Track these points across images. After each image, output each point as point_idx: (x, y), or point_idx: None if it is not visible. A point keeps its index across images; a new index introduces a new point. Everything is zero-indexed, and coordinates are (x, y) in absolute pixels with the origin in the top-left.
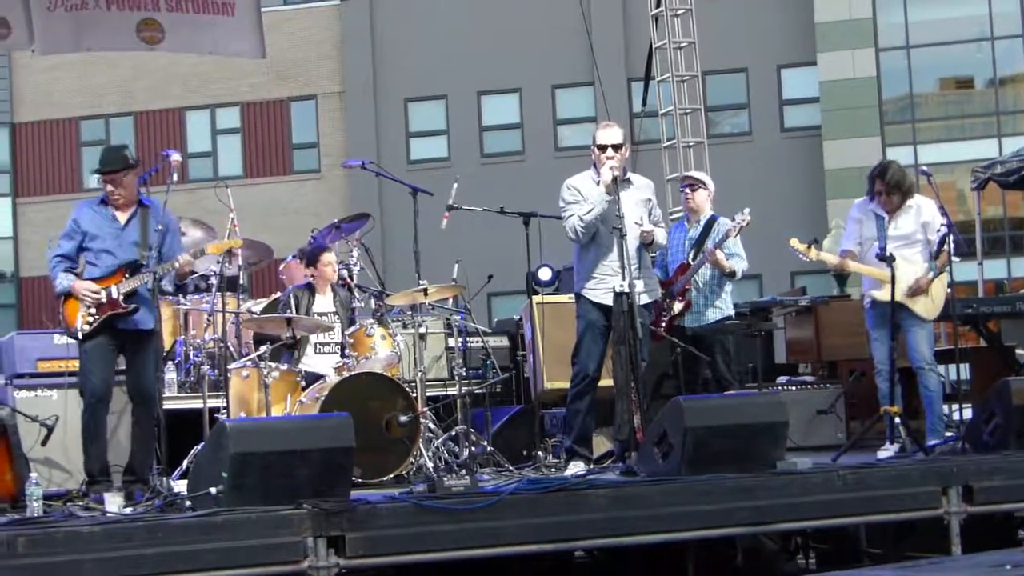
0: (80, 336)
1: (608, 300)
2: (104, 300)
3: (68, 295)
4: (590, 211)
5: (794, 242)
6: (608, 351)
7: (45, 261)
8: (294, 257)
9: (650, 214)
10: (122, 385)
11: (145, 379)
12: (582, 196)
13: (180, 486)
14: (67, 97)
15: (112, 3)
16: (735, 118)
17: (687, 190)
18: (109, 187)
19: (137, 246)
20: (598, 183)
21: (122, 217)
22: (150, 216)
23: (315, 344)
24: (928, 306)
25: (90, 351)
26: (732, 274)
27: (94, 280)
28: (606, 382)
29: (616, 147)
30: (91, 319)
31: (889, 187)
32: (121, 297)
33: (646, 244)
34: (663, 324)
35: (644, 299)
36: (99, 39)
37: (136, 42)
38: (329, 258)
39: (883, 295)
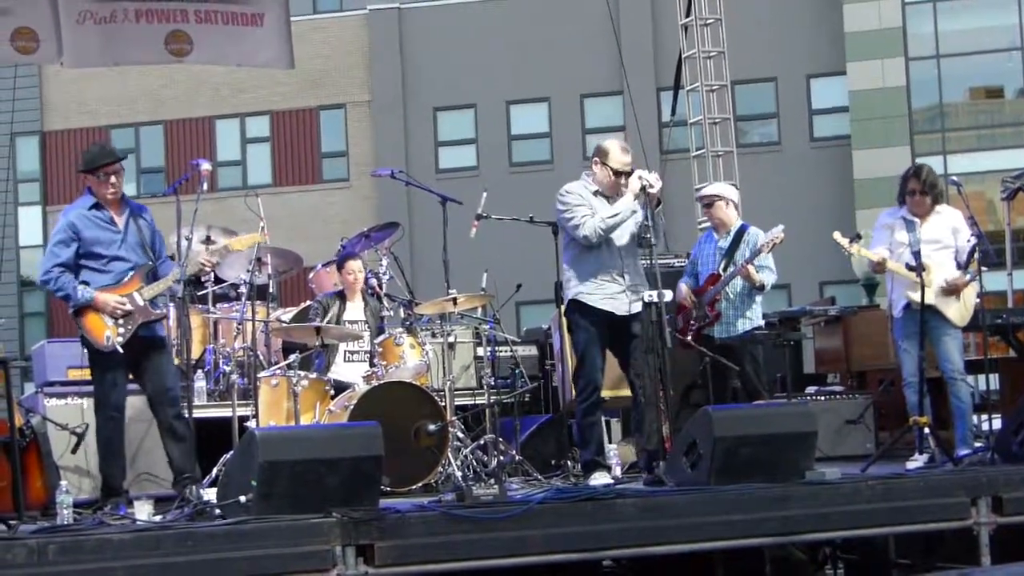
0: (120, 349)
1: (605, 306)
2: (131, 309)
3: (85, 307)
4: (616, 215)
5: (837, 235)
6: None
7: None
8: (324, 266)
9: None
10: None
11: (170, 379)
12: (585, 201)
13: (209, 494)
14: (97, 106)
15: (141, 16)
16: (764, 127)
17: (704, 209)
18: (114, 179)
19: (142, 248)
20: (595, 193)
21: (119, 220)
22: (139, 215)
23: (344, 352)
24: (961, 312)
25: (111, 363)
26: (761, 288)
27: (107, 288)
28: (623, 392)
29: (627, 174)
30: (123, 331)
31: (924, 186)
32: (148, 304)
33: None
34: (691, 334)
35: (637, 306)
36: (127, 53)
37: (164, 55)
38: (353, 266)
39: (919, 295)
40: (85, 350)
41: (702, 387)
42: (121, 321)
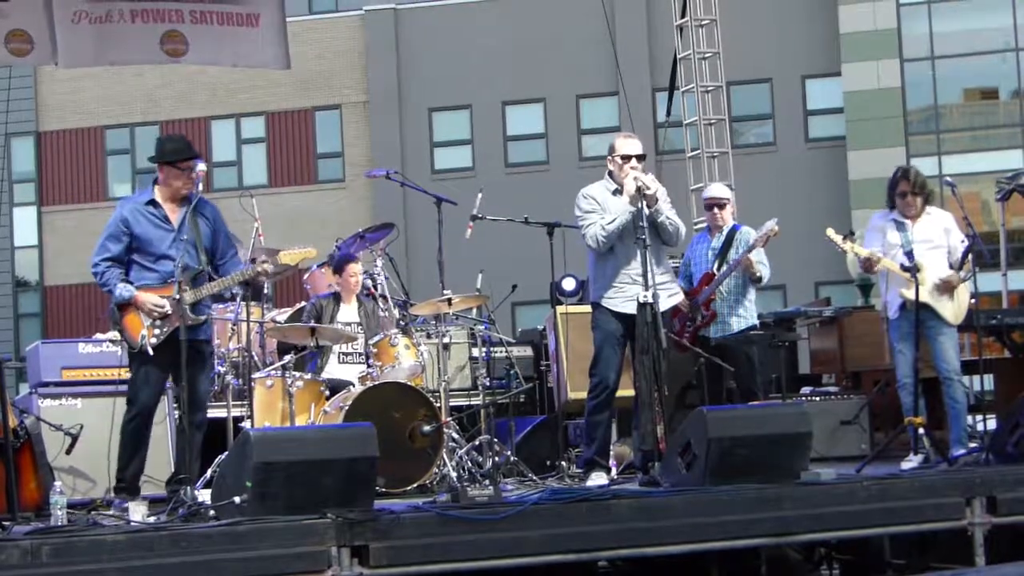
0: (151, 352)
1: (627, 309)
2: (170, 311)
3: (126, 304)
4: (613, 221)
5: (830, 232)
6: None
7: (72, 269)
8: (319, 267)
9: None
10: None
11: (202, 389)
12: (599, 205)
13: (204, 495)
14: (92, 106)
15: (136, 16)
16: (759, 128)
17: (715, 210)
18: (193, 174)
19: (195, 248)
20: (614, 192)
21: (175, 218)
22: (198, 212)
23: (339, 353)
24: (955, 310)
25: (148, 365)
26: (759, 279)
27: (150, 287)
28: (626, 392)
29: (640, 157)
30: (158, 332)
31: (915, 187)
32: (188, 308)
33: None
34: (687, 335)
35: (669, 303)
36: (122, 53)
37: (160, 55)
38: (355, 268)
39: (913, 293)
40: (111, 346)
41: (697, 388)
42: (158, 323)
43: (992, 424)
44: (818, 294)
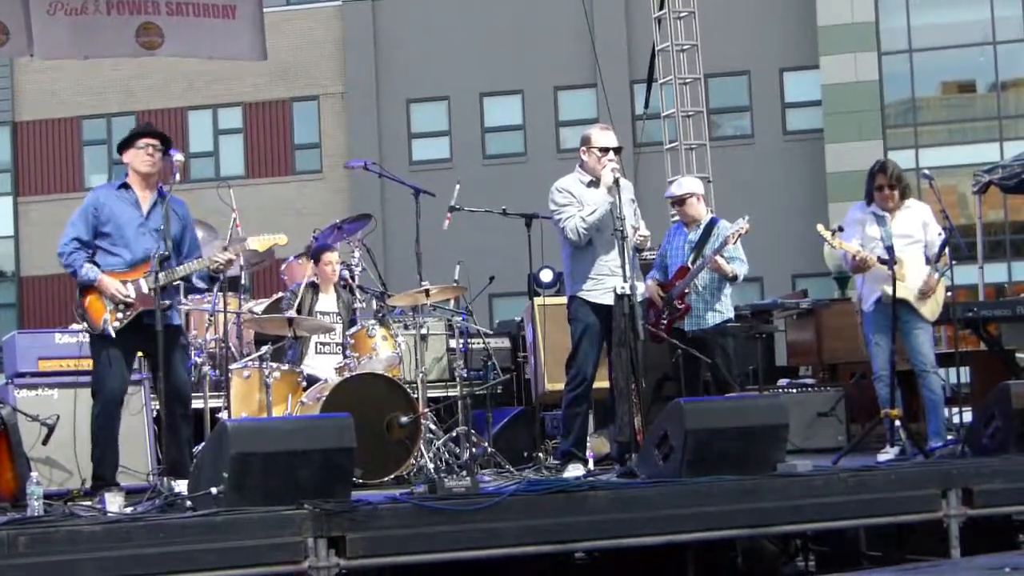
0: (112, 335)
1: (605, 300)
2: (132, 299)
3: (89, 287)
4: (593, 212)
5: (820, 228)
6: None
7: (48, 259)
8: (296, 257)
9: (634, 214)
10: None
11: (180, 377)
12: (575, 197)
13: (181, 486)
14: (69, 96)
15: (112, 8)
16: (737, 121)
17: (676, 207)
18: (152, 150)
19: (161, 235)
20: (588, 184)
21: (145, 204)
22: (170, 206)
23: (316, 344)
24: (932, 307)
25: (110, 350)
26: (734, 278)
27: (116, 272)
28: (602, 384)
29: (617, 150)
30: (121, 316)
31: (892, 180)
32: (153, 292)
33: (640, 249)
34: (663, 327)
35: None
36: (98, 45)
37: (135, 48)
38: (330, 257)
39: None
40: (87, 336)
41: (674, 380)
42: (121, 307)
43: (968, 417)
44: (795, 286)
